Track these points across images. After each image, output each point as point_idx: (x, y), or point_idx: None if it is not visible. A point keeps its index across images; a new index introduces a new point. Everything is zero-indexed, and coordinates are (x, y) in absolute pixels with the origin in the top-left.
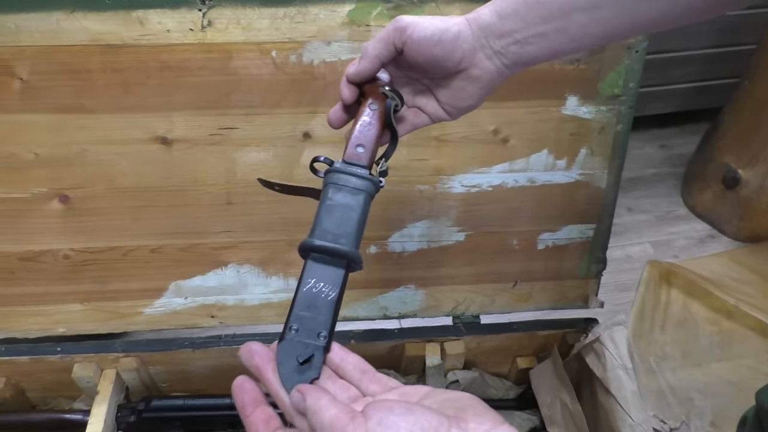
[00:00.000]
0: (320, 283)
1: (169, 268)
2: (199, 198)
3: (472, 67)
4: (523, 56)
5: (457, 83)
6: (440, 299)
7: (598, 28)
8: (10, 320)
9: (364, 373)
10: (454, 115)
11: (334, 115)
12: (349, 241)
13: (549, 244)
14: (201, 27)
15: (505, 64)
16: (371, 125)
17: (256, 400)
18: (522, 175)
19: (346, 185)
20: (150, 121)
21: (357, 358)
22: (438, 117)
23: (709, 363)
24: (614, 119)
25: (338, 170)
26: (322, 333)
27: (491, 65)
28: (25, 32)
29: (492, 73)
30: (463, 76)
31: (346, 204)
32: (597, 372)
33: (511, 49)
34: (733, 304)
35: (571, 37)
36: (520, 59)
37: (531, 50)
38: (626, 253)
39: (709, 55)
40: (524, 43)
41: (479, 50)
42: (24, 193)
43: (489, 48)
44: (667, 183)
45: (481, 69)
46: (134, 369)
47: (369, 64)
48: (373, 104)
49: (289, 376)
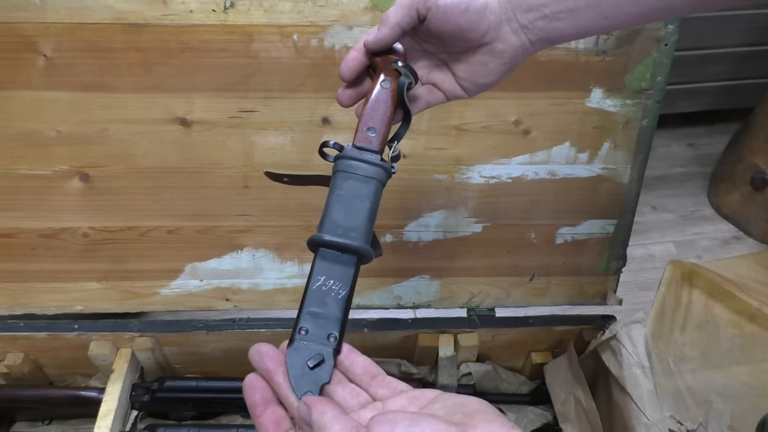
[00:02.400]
0: (330, 281)
1: (186, 249)
2: (216, 180)
3: (497, 41)
4: (550, 33)
5: (479, 58)
6: (455, 291)
7: (633, 6)
8: (29, 296)
9: (373, 377)
10: (471, 92)
11: (342, 94)
12: (359, 234)
13: (568, 238)
14: (223, 8)
15: (530, 39)
16: (383, 104)
17: (266, 399)
18: (542, 167)
19: (356, 173)
20: (170, 102)
21: (367, 360)
22: (454, 94)
23: (729, 366)
24: (640, 113)
25: (348, 156)
26: (332, 334)
27: (516, 40)
28: (51, 8)
29: (517, 48)
30: (486, 50)
31: (357, 193)
32: (613, 370)
33: (538, 24)
34: (756, 308)
35: (604, 14)
36: (546, 36)
37: (559, 26)
38: (648, 251)
39: (741, 54)
40: (552, 18)
41: (505, 23)
42: (45, 170)
43: (516, 22)
44: (693, 182)
45: (505, 44)
46: (149, 349)
47: (389, 31)
48: (385, 81)
49: (299, 380)
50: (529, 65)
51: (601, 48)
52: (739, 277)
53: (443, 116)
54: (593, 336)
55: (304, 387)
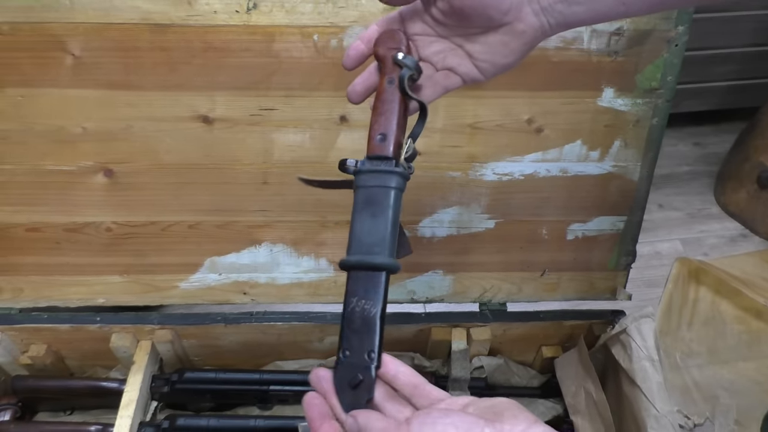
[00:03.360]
0: (362, 301)
1: (206, 244)
2: (237, 177)
3: (518, 21)
4: (568, 17)
5: (500, 38)
6: (468, 285)
7: None
8: (53, 289)
9: (415, 387)
10: (488, 74)
11: (352, 91)
12: (383, 248)
13: (579, 234)
14: (246, 9)
15: (549, 22)
16: (390, 104)
17: (323, 414)
18: (554, 165)
19: (373, 185)
20: (193, 100)
21: (409, 370)
22: (471, 77)
23: (735, 361)
24: (650, 112)
25: (363, 171)
26: (371, 352)
27: (536, 21)
28: (80, 9)
29: (536, 30)
30: (507, 30)
31: (377, 206)
32: (623, 363)
33: (558, 8)
34: (762, 304)
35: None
36: (564, 19)
37: (577, 10)
38: (655, 249)
39: (748, 54)
40: (572, 2)
41: (527, 4)
42: (71, 166)
43: (537, 3)
44: (700, 181)
45: (526, 24)
46: (169, 341)
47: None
48: (390, 78)
49: (346, 399)
50: (542, 65)
51: (613, 48)
52: (746, 274)
53: (458, 114)
54: (603, 330)
55: (350, 405)
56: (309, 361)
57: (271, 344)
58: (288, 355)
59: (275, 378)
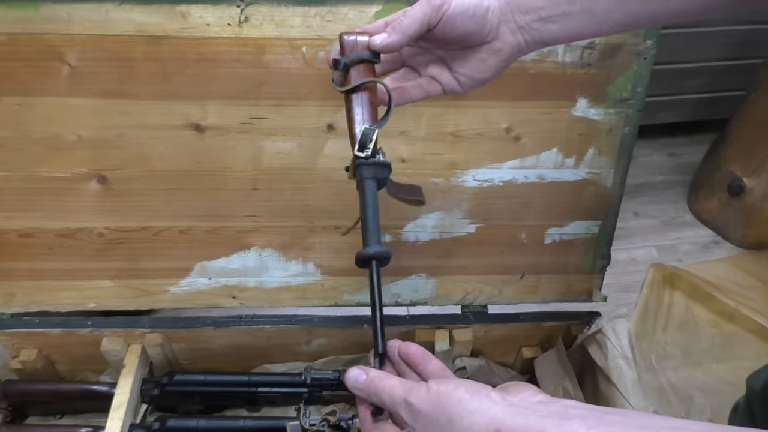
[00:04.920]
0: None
1: (196, 249)
2: (227, 183)
3: (496, 40)
4: (544, 35)
5: (479, 55)
6: (450, 288)
7: (621, 13)
8: (45, 294)
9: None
10: (466, 87)
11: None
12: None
13: (556, 238)
14: (238, 22)
15: (526, 40)
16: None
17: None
18: (532, 171)
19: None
20: (186, 109)
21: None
22: (450, 88)
23: (709, 363)
24: (622, 121)
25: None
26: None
27: (513, 39)
28: (77, 21)
29: (513, 47)
30: (486, 49)
31: (362, 200)
32: (599, 362)
33: (534, 26)
34: (734, 308)
35: (594, 19)
36: (540, 37)
37: (553, 29)
38: (631, 255)
39: (718, 68)
40: (548, 20)
41: (504, 24)
42: (65, 173)
43: (513, 22)
44: (674, 190)
45: (503, 42)
46: (159, 344)
47: (400, 38)
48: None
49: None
50: (520, 77)
51: (586, 61)
52: (718, 279)
53: (440, 123)
54: (580, 331)
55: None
56: (296, 363)
57: (260, 347)
58: (276, 357)
59: (263, 380)
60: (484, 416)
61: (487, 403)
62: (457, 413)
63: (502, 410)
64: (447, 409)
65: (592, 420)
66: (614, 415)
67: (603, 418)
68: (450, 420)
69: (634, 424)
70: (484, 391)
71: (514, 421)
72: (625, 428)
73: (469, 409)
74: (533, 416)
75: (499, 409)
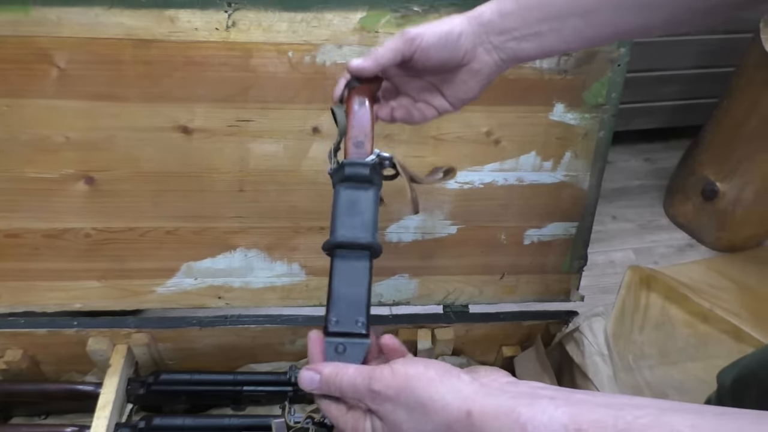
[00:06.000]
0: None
1: (182, 249)
2: (214, 184)
3: (474, 61)
4: (518, 53)
5: (460, 77)
6: (432, 288)
7: (589, 32)
8: (30, 294)
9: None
10: (456, 106)
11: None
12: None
13: (535, 239)
14: (226, 27)
15: (501, 58)
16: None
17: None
18: (511, 174)
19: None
20: (174, 111)
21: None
22: (444, 109)
23: (684, 362)
24: (597, 126)
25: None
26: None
27: (490, 59)
28: (67, 24)
29: (491, 66)
30: (465, 70)
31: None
32: (576, 359)
33: (509, 45)
34: (708, 309)
35: (564, 38)
36: (515, 55)
37: (526, 47)
38: (609, 258)
39: (692, 76)
40: (521, 40)
41: (479, 45)
42: (53, 174)
43: (489, 43)
44: (650, 194)
45: (480, 62)
46: (145, 344)
47: (372, 66)
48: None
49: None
50: (499, 82)
51: (563, 68)
52: (693, 281)
53: (422, 127)
54: (558, 329)
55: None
56: (281, 363)
57: (245, 347)
58: (261, 357)
59: (249, 379)
60: (456, 397)
61: (458, 384)
62: (429, 395)
63: (473, 391)
64: (415, 392)
65: (561, 399)
66: (581, 394)
67: (570, 398)
68: (421, 403)
69: (600, 403)
70: (454, 371)
71: (485, 401)
72: (591, 406)
73: (441, 391)
74: (503, 396)
75: (471, 389)
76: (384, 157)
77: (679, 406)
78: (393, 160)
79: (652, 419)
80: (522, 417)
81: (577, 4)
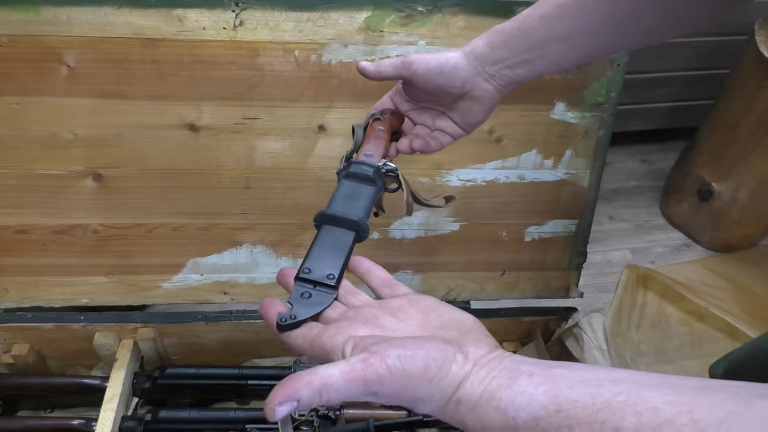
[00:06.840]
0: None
1: (189, 245)
2: (220, 181)
3: (474, 89)
4: (514, 78)
5: (465, 104)
6: (435, 284)
7: (572, 54)
8: (38, 289)
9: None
10: (468, 130)
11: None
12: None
13: (535, 236)
14: (233, 26)
15: (500, 84)
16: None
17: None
18: (513, 172)
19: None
20: (181, 109)
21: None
22: (457, 134)
23: (680, 360)
24: (597, 125)
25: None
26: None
27: (489, 86)
28: (76, 24)
29: (491, 92)
30: (468, 98)
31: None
32: (575, 354)
33: (504, 73)
34: (704, 307)
35: (551, 61)
36: (511, 80)
37: (520, 72)
38: (607, 258)
39: (687, 77)
40: (514, 67)
41: (477, 75)
42: (62, 171)
43: (485, 73)
44: (646, 195)
45: (481, 90)
46: (151, 339)
47: (374, 71)
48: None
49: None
50: None
51: None
52: (689, 281)
53: None
54: (558, 325)
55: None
56: (285, 358)
57: (250, 342)
58: (265, 352)
59: (254, 373)
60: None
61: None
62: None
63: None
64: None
65: (539, 375)
66: (559, 368)
67: (549, 374)
68: (420, 399)
69: (578, 378)
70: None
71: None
72: (570, 383)
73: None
74: (486, 380)
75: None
76: (390, 167)
77: (658, 380)
78: (397, 172)
79: (630, 395)
80: (502, 402)
81: (554, 32)
